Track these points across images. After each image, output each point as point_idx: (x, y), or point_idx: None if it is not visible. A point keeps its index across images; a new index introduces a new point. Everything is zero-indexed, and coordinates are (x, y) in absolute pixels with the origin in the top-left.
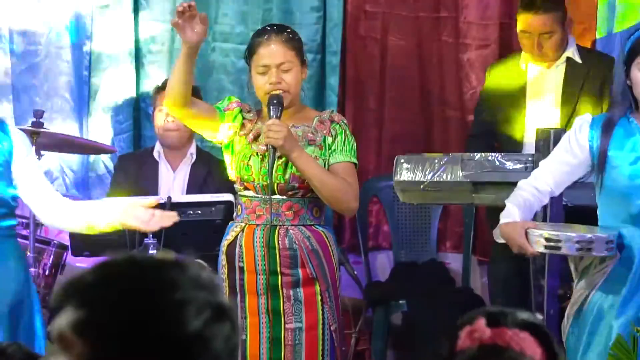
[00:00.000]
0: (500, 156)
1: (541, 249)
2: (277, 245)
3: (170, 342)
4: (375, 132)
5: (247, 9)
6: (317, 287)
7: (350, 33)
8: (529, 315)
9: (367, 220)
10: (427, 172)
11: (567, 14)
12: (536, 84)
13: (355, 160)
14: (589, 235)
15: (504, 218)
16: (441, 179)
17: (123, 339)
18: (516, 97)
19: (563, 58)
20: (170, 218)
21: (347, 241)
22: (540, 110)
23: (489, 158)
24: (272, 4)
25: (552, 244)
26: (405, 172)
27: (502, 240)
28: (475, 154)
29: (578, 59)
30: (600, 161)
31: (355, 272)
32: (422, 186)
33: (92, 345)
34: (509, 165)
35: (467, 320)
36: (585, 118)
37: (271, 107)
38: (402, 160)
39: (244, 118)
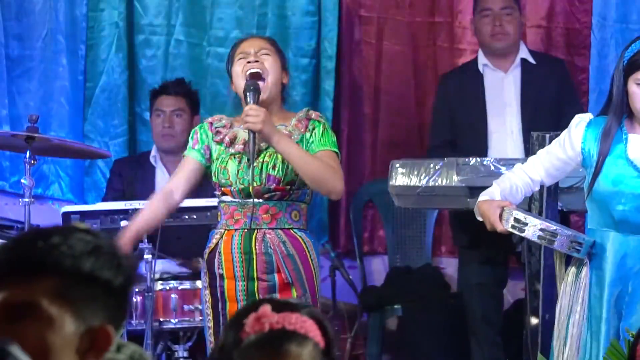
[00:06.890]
0: (495, 161)
1: (509, 227)
2: (254, 250)
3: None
4: (370, 136)
5: (242, 14)
6: (294, 293)
7: (346, 38)
8: (308, 305)
9: (363, 224)
10: (422, 177)
11: (520, 5)
12: (494, 89)
13: (336, 150)
14: (555, 227)
15: (483, 196)
16: (436, 184)
17: None
18: (476, 105)
19: (517, 60)
20: None
21: (342, 246)
22: (501, 116)
23: (484, 163)
24: (267, 8)
25: (518, 225)
26: (401, 177)
27: (481, 218)
28: (471, 158)
29: (532, 60)
30: (597, 165)
31: (351, 277)
32: (417, 191)
33: None
34: (504, 170)
35: (250, 308)
36: (583, 117)
37: (247, 94)
38: (398, 165)
39: (215, 127)
